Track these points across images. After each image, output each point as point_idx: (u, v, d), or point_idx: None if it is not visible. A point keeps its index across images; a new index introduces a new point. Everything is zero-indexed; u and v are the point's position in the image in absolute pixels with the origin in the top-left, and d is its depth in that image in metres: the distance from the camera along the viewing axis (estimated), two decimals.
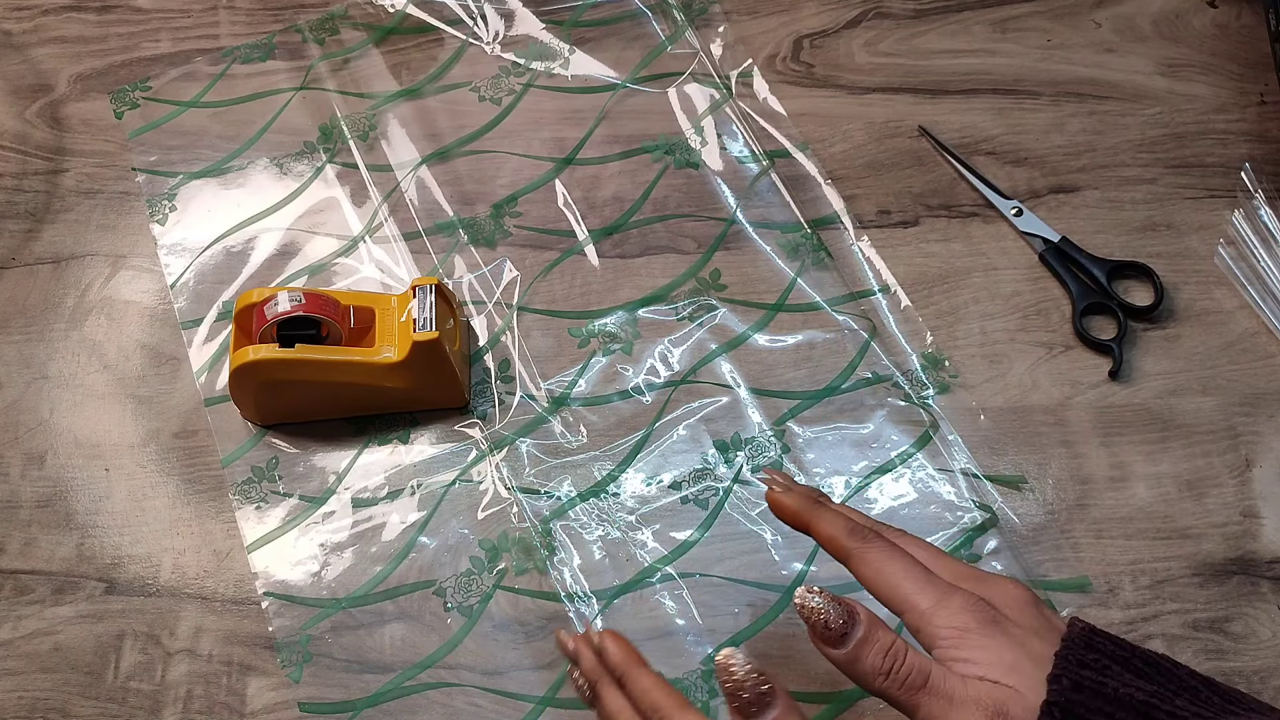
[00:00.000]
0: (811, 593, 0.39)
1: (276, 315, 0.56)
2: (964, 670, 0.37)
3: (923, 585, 0.39)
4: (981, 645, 0.37)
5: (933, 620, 0.38)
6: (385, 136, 0.70)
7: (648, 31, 0.73)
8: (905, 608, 0.39)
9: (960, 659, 0.37)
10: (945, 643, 0.37)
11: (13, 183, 0.70)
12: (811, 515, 0.44)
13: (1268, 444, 0.58)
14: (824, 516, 0.43)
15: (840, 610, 0.38)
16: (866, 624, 0.38)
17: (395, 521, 0.58)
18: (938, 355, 0.62)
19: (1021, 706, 0.35)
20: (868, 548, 0.41)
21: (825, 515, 0.43)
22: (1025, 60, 0.71)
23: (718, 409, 0.61)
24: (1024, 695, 0.35)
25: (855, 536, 0.42)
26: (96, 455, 0.61)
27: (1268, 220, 0.64)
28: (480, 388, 0.62)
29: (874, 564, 0.40)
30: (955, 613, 0.38)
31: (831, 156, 0.68)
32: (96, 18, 0.76)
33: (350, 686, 0.55)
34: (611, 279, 0.65)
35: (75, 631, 0.57)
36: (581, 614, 0.56)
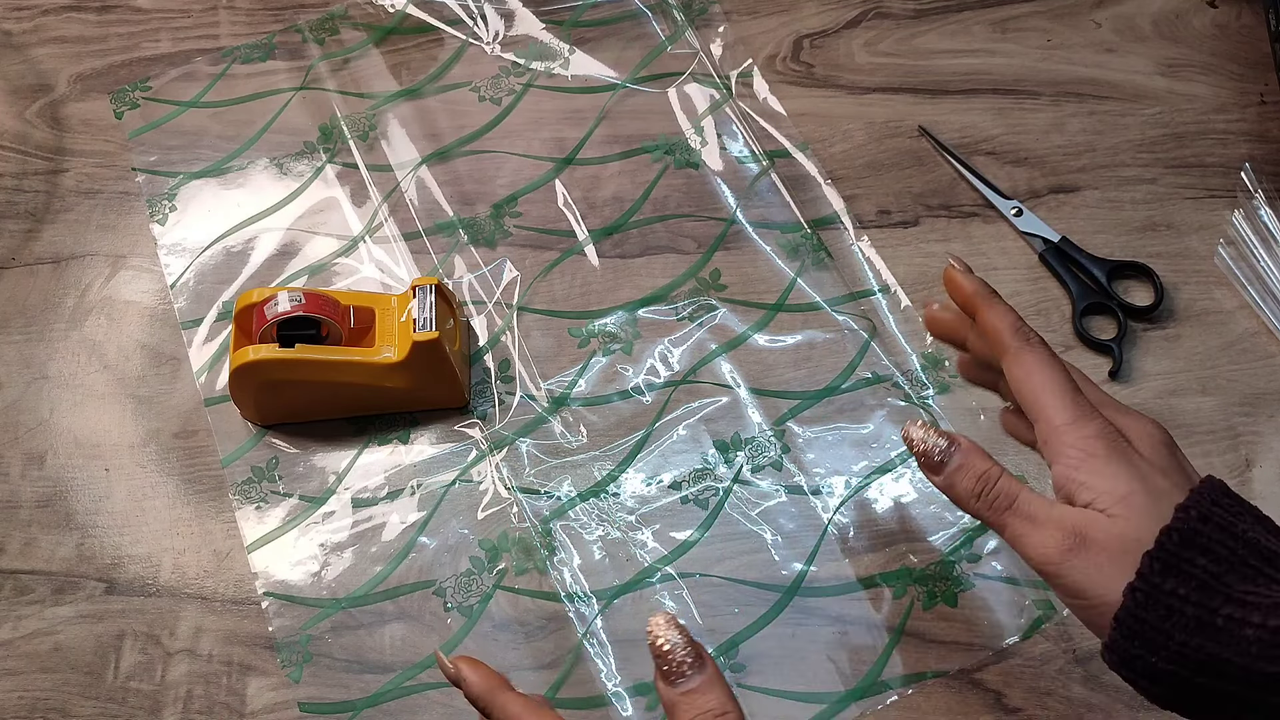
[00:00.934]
0: (920, 426, 0.42)
1: (276, 315, 0.56)
2: (1078, 494, 0.38)
3: (1066, 400, 0.39)
4: (1100, 472, 0.37)
5: (1063, 437, 0.39)
6: (385, 136, 0.70)
7: (648, 31, 0.73)
8: (1042, 417, 0.40)
9: (1077, 481, 0.38)
10: (1068, 462, 0.38)
11: (13, 183, 0.70)
12: (983, 301, 0.44)
13: (1268, 444, 0.58)
14: (995, 307, 0.43)
15: (943, 440, 0.41)
16: (964, 452, 0.41)
17: (395, 521, 0.58)
18: (938, 355, 0.62)
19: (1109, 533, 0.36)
20: (1027, 348, 0.41)
21: (997, 306, 0.44)
22: (1025, 60, 0.71)
23: (718, 409, 0.61)
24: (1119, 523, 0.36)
25: (1019, 335, 0.42)
26: (96, 455, 0.61)
27: (1268, 220, 0.64)
28: (480, 388, 0.62)
29: (1028, 366, 0.41)
30: (1087, 436, 0.38)
31: (831, 156, 0.68)
32: (96, 18, 0.76)
33: (350, 686, 0.55)
34: (611, 279, 0.65)
35: (75, 631, 0.57)
36: (581, 614, 0.56)
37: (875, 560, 0.56)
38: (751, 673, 0.54)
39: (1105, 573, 0.36)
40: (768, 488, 0.58)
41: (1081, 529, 0.37)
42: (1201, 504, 0.35)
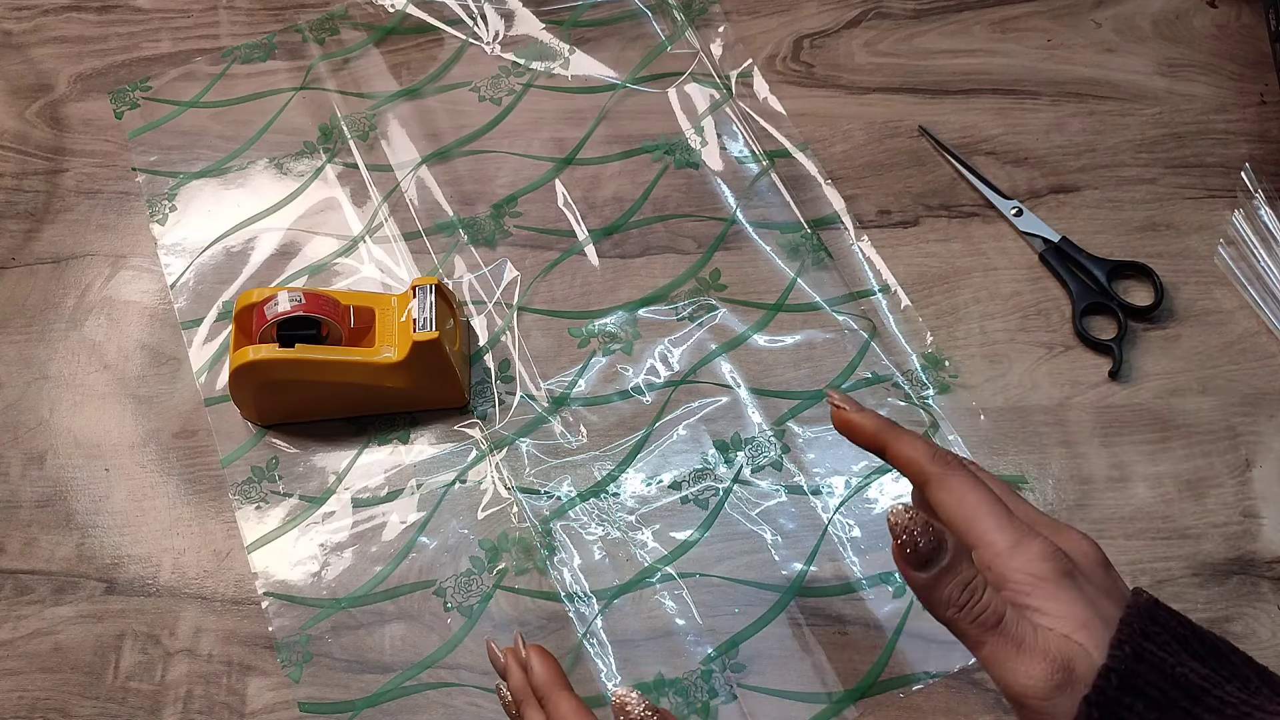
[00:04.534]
0: (908, 511, 0.37)
1: (276, 315, 0.56)
2: (1034, 620, 0.36)
3: (1003, 523, 0.38)
4: (1055, 597, 0.36)
5: (1009, 562, 0.37)
6: (385, 136, 0.70)
7: (648, 31, 0.73)
8: (981, 543, 0.38)
9: (1032, 607, 0.36)
10: (1018, 587, 0.36)
11: (13, 183, 0.70)
12: (889, 436, 0.42)
13: (1268, 444, 0.58)
14: (903, 438, 0.41)
15: (931, 534, 0.37)
16: (953, 554, 0.37)
17: (395, 521, 0.58)
18: (938, 355, 0.62)
19: (1087, 666, 0.34)
20: (951, 473, 0.39)
21: (904, 436, 0.41)
22: (1025, 60, 0.71)
23: (718, 409, 0.61)
24: (1091, 655, 0.34)
25: (938, 461, 0.40)
26: (96, 455, 0.61)
27: (1268, 220, 0.64)
28: (480, 388, 0.62)
29: (957, 492, 0.39)
30: (1033, 559, 0.36)
31: (831, 156, 0.68)
32: (96, 18, 0.76)
33: (350, 686, 0.55)
34: (611, 279, 0.65)
35: (75, 631, 0.57)
36: (581, 614, 0.56)
37: (875, 560, 0.56)
38: (751, 673, 0.54)
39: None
40: (768, 488, 0.58)
41: (1069, 661, 0.34)
42: (1133, 638, 0.34)
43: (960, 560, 0.37)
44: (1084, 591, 0.36)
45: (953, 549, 0.37)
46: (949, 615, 0.37)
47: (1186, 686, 0.34)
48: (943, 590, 0.37)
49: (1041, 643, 0.35)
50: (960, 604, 0.37)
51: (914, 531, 0.37)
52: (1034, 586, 0.36)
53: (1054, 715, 0.34)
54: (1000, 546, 0.37)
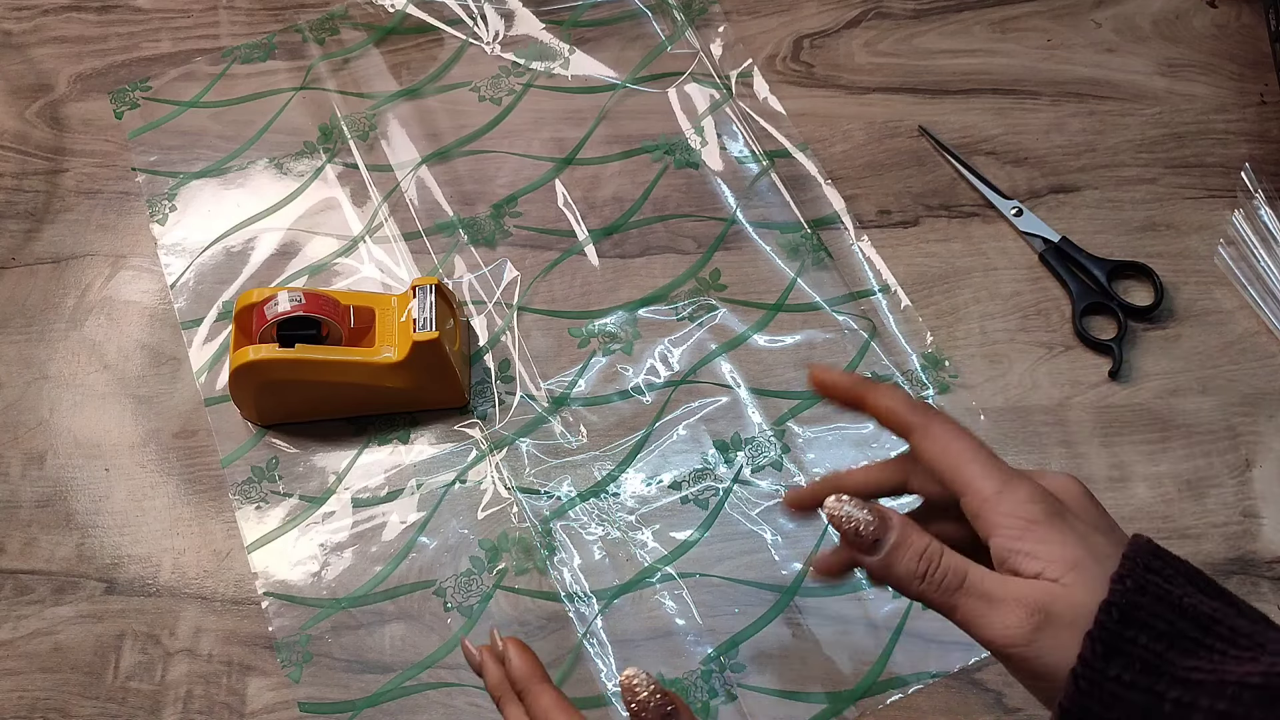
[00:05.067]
0: (841, 500, 0.37)
1: (276, 315, 0.56)
2: (1024, 565, 0.35)
3: (989, 469, 0.37)
4: (1045, 539, 0.35)
5: (997, 507, 0.36)
6: (385, 136, 0.70)
7: (648, 31, 0.73)
8: (968, 490, 0.37)
9: (1022, 551, 0.35)
10: (1007, 533, 0.35)
11: (13, 183, 0.70)
12: (865, 389, 0.41)
13: (1268, 444, 0.58)
14: (879, 390, 0.41)
15: (872, 516, 0.37)
16: (899, 528, 0.37)
17: (395, 521, 0.58)
18: (938, 355, 0.62)
19: (1068, 604, 0.33)
20: (932, 421, 0.38)
21: (880, 389, 0.41)
22: (1025, 60, 0.71)
23: (718, 409, 0.61)
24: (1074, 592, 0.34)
25: (918, 411, 0.39)
26: (96, 455, 0.61)
27: (1268, 220, 0.64)
28: (480, 388, 0.62)
29: (940, 440, 0.38)
30: (1021, 502, 0.36)
31: (831, 156, 0.68)
32: (96, 18, 0.76)
33: (350, 686, 0.55)
34: (611, 279, 0.65)
35: (75, 631, 0.57)
36: (581, 614, 0.56)
37: None
38: (751, 673, 0.54)
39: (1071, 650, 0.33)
40: (768, 488, 0.58)
41: (1044, 604, 0.34)
42: (1135, 571, 0.34)
43: (909, 533, 0.37)
44: (1075, 529, 0.35)
45: (898, 524, 0.37)
46: (915, 589, 0.36)
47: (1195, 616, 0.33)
48: (899, 566, 0.36)
49: (1013, 591, 0.34)
50: (920, 574, 0.36)
51: (853, 517, 0.37)
52: (1024, 530, 0.35)
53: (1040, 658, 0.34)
54: (987, 492, 0.36)
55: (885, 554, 0.36)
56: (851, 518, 0.37)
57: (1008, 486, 0.36)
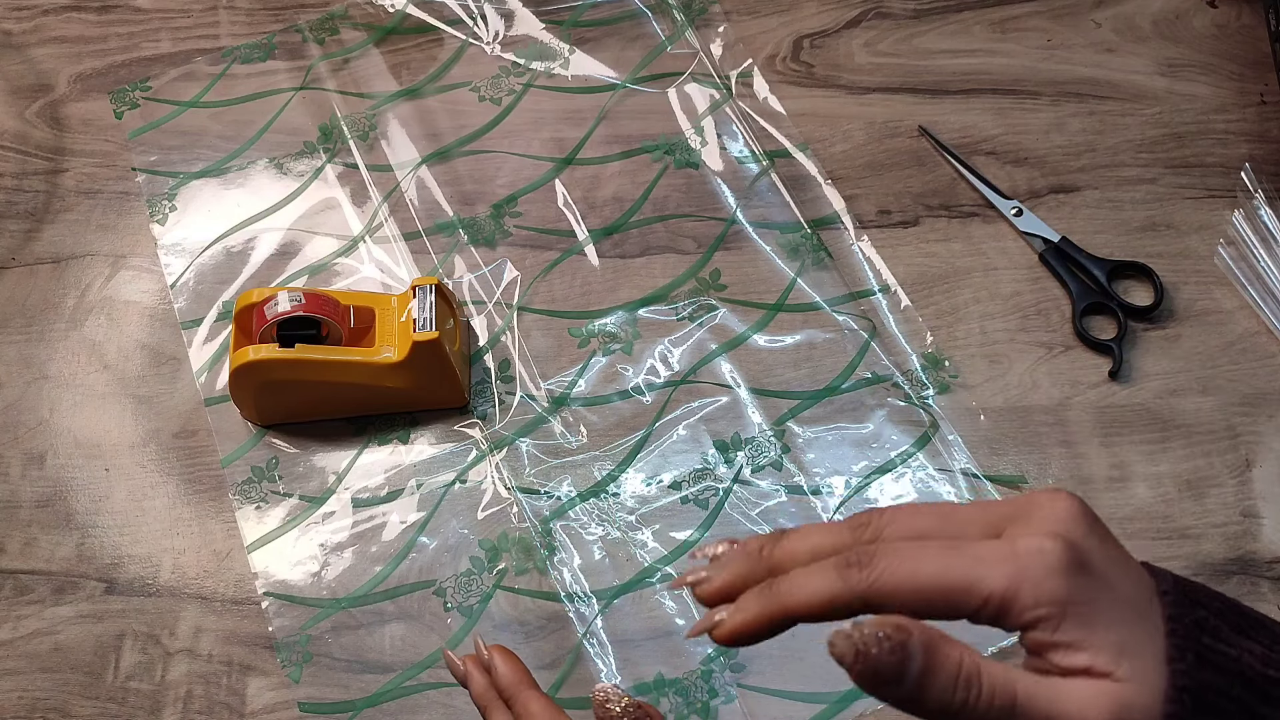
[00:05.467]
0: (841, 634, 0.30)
1: (276, 315, 0.56)
2: (1066, 660, 0.29)
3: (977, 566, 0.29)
4: (1085, 620, 0.29)
5: (1017, 602, 0.29)
6: (385, 136, 0.70)
7: (648, 31, 0.73)
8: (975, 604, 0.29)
9: (1064, 643, 0.29)
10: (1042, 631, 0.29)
11: (13, 183, 0.70)
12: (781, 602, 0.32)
13: (1268, 444, 0.58)
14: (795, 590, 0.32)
15: (886, 642, 0.29)
16: (923, 651, 0.29)
17: (395, 521, 0.58)
18: (938, 355, 0.62)
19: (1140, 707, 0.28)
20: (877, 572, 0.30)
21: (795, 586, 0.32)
22: (1025, 60, 0.71)
23: (718, 409, 0.61)
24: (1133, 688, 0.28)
25: (851, 575, 0.31)
26: (96, 455, 0.61)
27: (1268, 220, 0.64)
28: (480, 388, 0.62)
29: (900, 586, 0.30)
30: (1039, 580, 0.29)
31: (831, 156, 0.68)
32: (96, 18, 0.76)
33: (350, 686, 0.55)
34: (611, 279, 0.65)
35: (75, 631, 0.57)
36: (581, 614, 0.56)
37: None
38: (751, 673, 0.54)
39: None
40: (768, 488, 0.58)
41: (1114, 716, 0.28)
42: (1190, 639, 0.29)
43: (937, 653, 0.29)
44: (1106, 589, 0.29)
45: (921, 646, 0.29)
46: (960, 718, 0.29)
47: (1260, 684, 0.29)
48: (934, 696, 0.29)
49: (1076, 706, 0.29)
50: (959, 703, 0.29)
51: (865, 649, 0.29)
52: (1059, 617, 0.29)
53: None
54: (997, 591, 0.29)
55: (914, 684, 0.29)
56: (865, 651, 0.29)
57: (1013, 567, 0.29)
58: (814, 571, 0.31)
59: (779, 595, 0.32)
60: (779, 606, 0.32)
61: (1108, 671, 0.28)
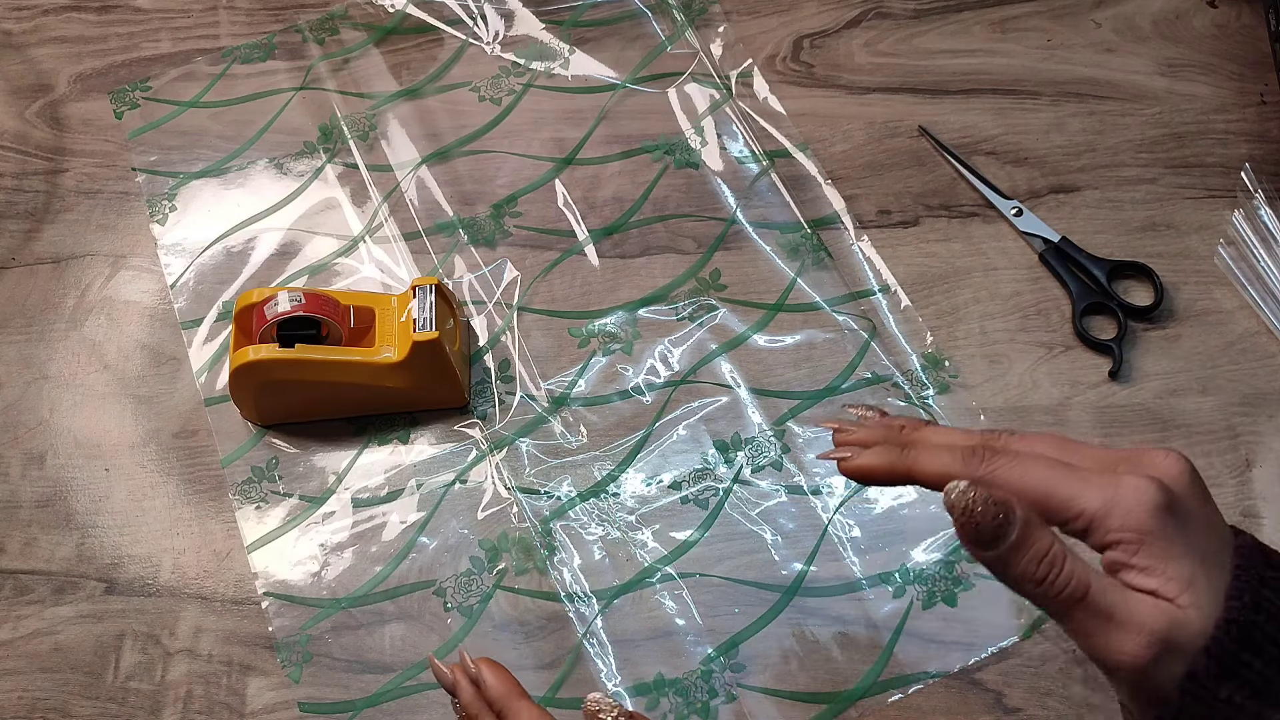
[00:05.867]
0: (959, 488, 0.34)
1: (276, 315, 0.56)
2: (1138, 580, 0.33)
3: (1080, 484, 0.34)
4: (1160, 553, 0.32)
5: (1105, 523, 0.33)
6: (385, 136, 0.70)
7: (648, 31, 0.73)
8: (1068, 515, 0.34)
9: (1137, 567, 0.33)
10: (1123, 549, 0.33)
11: (13, 183, 0.70)
12: (909, 460, 0.37)
13: (1268, 444, 0.58)
14: (922, 455, 0.37)
15: (993, 508, 0.33)
16: (1022, 525, 0.33)
17: (395, 521, 0.59)
18: (938, 355, 0.62)
19: (1187, 631, 0.32)
20: (996, 467, 0.35)
21: (924, 454, 0.37)
22: (1025, 60, 0.71)
23: (718, 409, 0.61)
24: (1191, 615, 0.32)
25: (974, 460, 0.36)
26: (96, 455, 0.61)
27: (1268, 220, 0.64)
28: (480, 388, 0.62)
29: (1012, 482, 0.35)
30: (1130, 510, 0.33)
31: (831, 156, 0.68)
32: (96, 18, 0.76)
33: (350, 686, 0.55)
34: (611, 279, 0.65)
35: (75, 631, 0.57)
36: (581, 614, 0.56)
37: (875, 560, 0.56)
38: (751, 673, 0.54)
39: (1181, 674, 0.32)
40: (768, 488, 0.58)
41: (1166, 632, 0.32)
42: (1251, 586, 0.32)
43: (1032, 532, 0.33)
44: (1188, 533, 0.33)
45: (1021, 521, 0.33)
46: (1029, 591, 0.34)
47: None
48: (1017, 566, 0.34)
49: (1137, 614, 0.32)
50: (1039, 578, 0.33)
51: (974, 509, 0.33)
52: (1138, 543, 0.33)
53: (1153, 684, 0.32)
54: (1091, 509, 0.33)
55: (1003, 551, 0.34)
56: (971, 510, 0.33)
57: (1109, 495, 0.33)
58: (943, 450, 0.36)
59: (908, 457, 0.37)
60: (905, 465, 0.37)
61: (1171, 597, 0.32)
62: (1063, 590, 0.33)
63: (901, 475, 0.38)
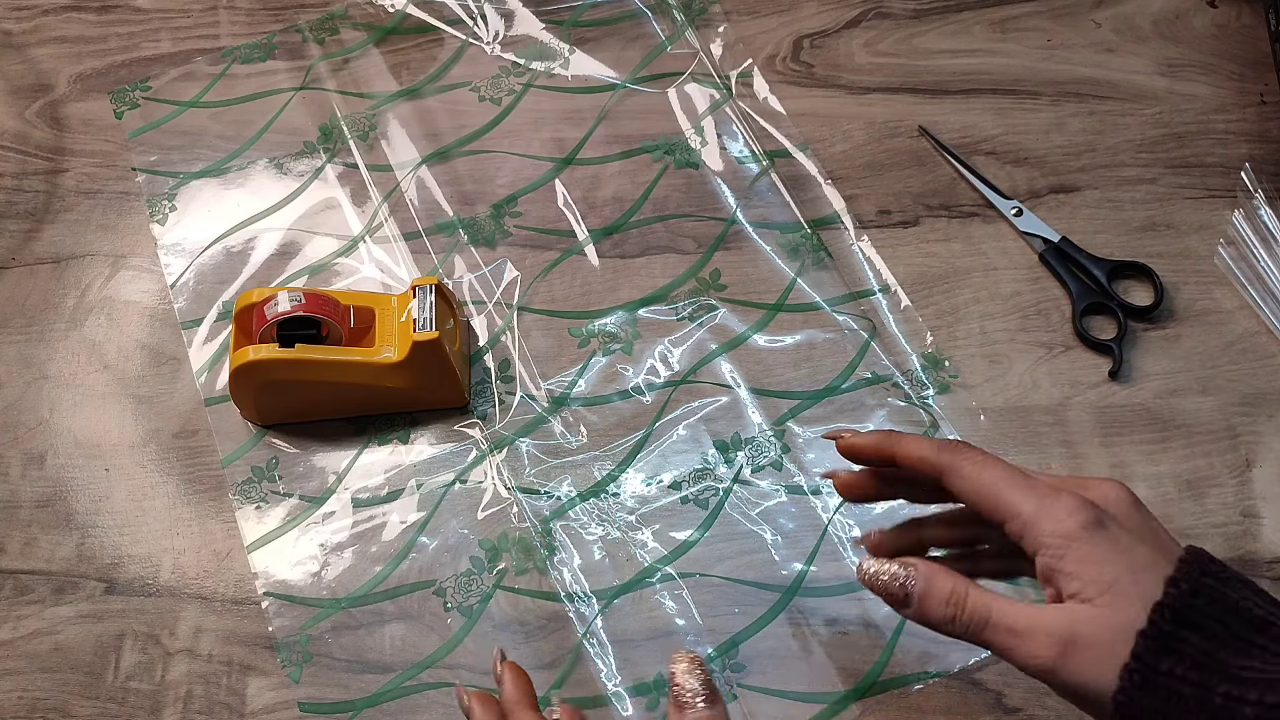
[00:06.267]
0: (868, 560, 0.41)
1: (276, 315, 0.56)
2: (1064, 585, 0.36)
3: (1024, 490, 0.38)
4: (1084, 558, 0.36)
5: (1037, 527, 0.37)
6: (385, 136, 0.70)
7: (648, 31, 0.73)
8: (1008, 515, 0.38)
9: (1063, 572, 0.36)
10: (1051, 553, 0.37)
11: (13, 183, 0.70)
12: (893, 443, 0.43)
13: (1268, 444, 0.58)
14: (904, 441, 0.42)
15: (900, 570, 0.40)
16: (924, 579, 0.39)
17: (395, 521, 0.58)
18: (938, 355, 0.62)
19: (1096, 625, 0.35)
20: (961, 459, 0.40)
21: (905, 439, 0.42)
22: (1025, 60, 0.71)
23: (718, 409, 0.61)
24: (1105, 613, 0.35)
25: (946, 450, 0.41)
26: (96, 455, 0.61)
27: (1268, 220, 0.64)
28: (480, 388, 0.62)
29: (971, 475, 0.39)
30: (1059, 519, 0.37)
31: (831, 156, 0.68)
32: (96, 18, 0.76)
33: (350, 686, 0.55)
34: (611, 279, 0.65)
35: (75, 631, 0.57)
36: (581, 614, 0.56)
37: None
38: (751, 673, 0.54)
39: (1101, 665, 0.35)
40: (768, 488, 0.58)
41: (1068, 629, 0.36)
42: (1191, 575, 0.35)
43: (934, 580, 0.39)
44: (1117, 543, 0.36)
45: (923, 574, 0.39)
46: (946, 630, 0.39)
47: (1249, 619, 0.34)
48: (933, 614, 0.39)
49: (1038, 622, 0.36)
50: (949, 618, 0.39)
51: (884, 574, 0.40)
52: (1065, 548, 0.36)
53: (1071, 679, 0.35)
54: (1025, 513, 0.37)
55: (917, 605, 0.39)
56: (882, 575, 0.40)
57: (1045, 504, 0.37)
58: (921, 439, 0.42)
59: (893, 439, 0.43)
60: (890, 445, 0.43)
61: (1088, 599, 0.36)
62: (970, 620, 0.38)
63: (885, 456, 0.43)
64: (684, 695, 0.41)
